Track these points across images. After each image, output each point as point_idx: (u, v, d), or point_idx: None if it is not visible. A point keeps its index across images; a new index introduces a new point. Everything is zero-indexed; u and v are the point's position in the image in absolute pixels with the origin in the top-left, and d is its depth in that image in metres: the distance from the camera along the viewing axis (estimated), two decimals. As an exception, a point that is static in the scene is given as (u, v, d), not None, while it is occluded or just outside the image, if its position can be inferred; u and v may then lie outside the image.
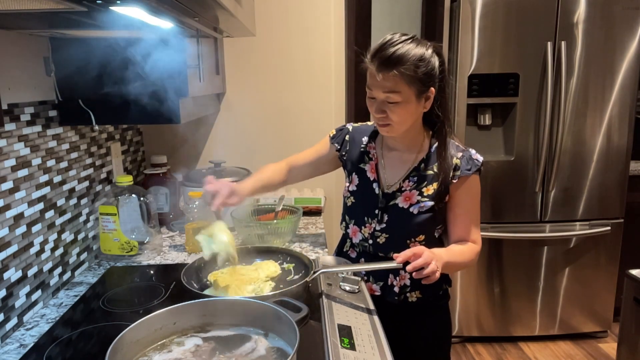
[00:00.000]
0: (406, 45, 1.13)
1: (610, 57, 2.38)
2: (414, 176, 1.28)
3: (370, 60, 1.16)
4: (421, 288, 1.31)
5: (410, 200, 1.27)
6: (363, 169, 1.35)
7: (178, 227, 1.85)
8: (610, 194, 2.53)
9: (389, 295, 1.32)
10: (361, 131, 1.40)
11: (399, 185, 1.29)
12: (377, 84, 1.16)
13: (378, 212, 1.30)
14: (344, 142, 1.41)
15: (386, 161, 1.33)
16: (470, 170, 1.24)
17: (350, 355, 0.91)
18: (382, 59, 1.13)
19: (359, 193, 1.35)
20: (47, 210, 1.30)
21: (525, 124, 2.44)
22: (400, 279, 1.31)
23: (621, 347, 1.81)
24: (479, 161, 1.26)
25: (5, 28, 1.12)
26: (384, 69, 1.13)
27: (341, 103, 2.29)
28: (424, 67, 1.14)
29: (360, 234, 1.34)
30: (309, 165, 1.48)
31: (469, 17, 2.31)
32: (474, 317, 2.65)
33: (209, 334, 0.96)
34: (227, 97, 2.23)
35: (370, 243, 1.32)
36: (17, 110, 1.18)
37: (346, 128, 1.43)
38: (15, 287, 1.15)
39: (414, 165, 1.28)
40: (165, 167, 1.94)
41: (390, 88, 1.14)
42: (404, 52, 1.12)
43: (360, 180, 1.35)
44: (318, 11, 2.18)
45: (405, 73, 1.12)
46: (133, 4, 0.76)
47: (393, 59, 1.12)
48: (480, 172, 1.27)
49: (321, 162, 1.46)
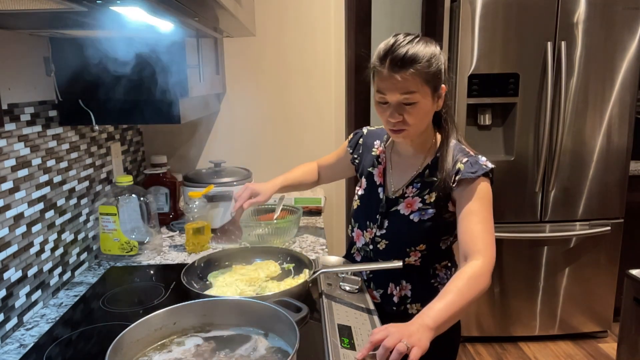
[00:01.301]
0: (416, 44, 1.11)
1: (610, 57, 2.38)
2: (417, 182, 1.24)
3: (380, 64, 1.11)
4: (422, 300, 1.24)
5: (412, 207, 1.23)
6: (372, 173, 1.34)
7: (178, 227, 1.85)
8: (610, 194, 2.53)
9: (387, 305, 1.28)
10: (375, 135, 1.39)
11: (402, 192, 1.26)
12: (391, 86, 1.11)
13: (379, 218, 1.28)
14: (357, 146, 1.42)
15: (394, 165, 1.31)
16: (474, 174, 1.14)
17: (350, 355, 0.91)
18: (395, 60, 1.09)
19: (365, 197, 1.34)
20: (47, 210, 1.30)
21: (525, 124, 2.44)
22: (400, 289, 1.27)
23: (621, 347, 1.81)
24: (487, 166, 1.16)
25: (5, 28, 1.12)
26: (399, 69, 1.09)
27: (341, 103, 2.29)
28: (435, 64, 1.12)
29: (363, 238, 1.33)
30: (332, 168, 1.57)
31: (469, 17, 2.31)
32: (474, 317, 2.65)
33: (209, 334, 0.96)
34: (227, 97, 2.23)
35: (371, 248, 1.31)
36: (17, 110, 1.18)
37: (361, 131, 1.44)
38: (15, 287, 1.15)
39: (419, 172, 1.25)
40: (165, 167, 1.94)
41: (407, 88, 1.10)
42: (417, 51, 1.10)
43: (368, 184, 1.34)
44: (318, 11, 2.18)
45: (422, 71, 1.10)
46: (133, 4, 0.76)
47: (407, 58, 1.08)
48: (490, 179, 1.17)
49: (341, 165, 1.52)
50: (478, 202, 1.13)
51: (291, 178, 1.56)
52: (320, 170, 1.60)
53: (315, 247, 1.64)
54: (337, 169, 1.55)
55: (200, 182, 1.77)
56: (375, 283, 1.31)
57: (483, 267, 1.05)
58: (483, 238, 1.10)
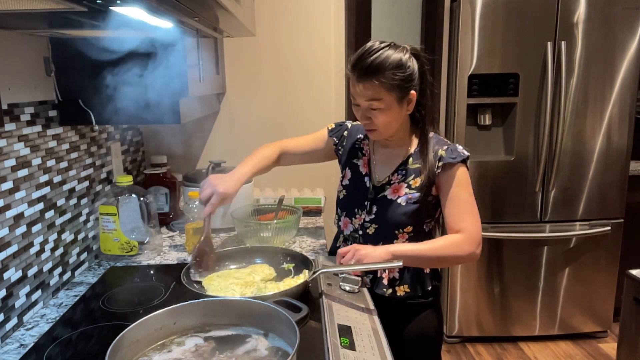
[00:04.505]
0: (384, 52, 1.17)
1: (610, 57, 2.38)
2: (402, 170, 1.32)
3: (351, 70, 1.20)
4: (409, 282, 1.33)
5: (399, 192, 1.30)
6: (356, 164, 1.40)
7: (178, 227, 1.85)
8: (610, 194, 2.53)
9: (378, 287, 1.34)
10: (358, 129, 1.46)
11: (388, 179, 1.33)
12: (358, 93, 1.20)
13: (367, 204, 1.34)
14: (342, 138, 1.47)
15: (377, 157, 1.38)
16: (454, 159, 1.25)
17: (350, 355, 0.91)
18: (361, 69, 1.17)
19: (351, 186, 1.40)
20: (47, 210, 1.30)
21: (525, 124, 2.44)
22: (389, 271, 1.33)
23: (621, 347, 1.81)
24: (464, 154, 1.27)
25: (5, 28, 1.12)
26: (363, 78, 1.18)
27: (341, 103, 2.29)
28: (402, 72, 1.17)
29: (351, 225, 1.38)
30: (303, 154, 1.53)
31: (469, 17, 2.31)
32: (474, 317, 2.65)
33: (209, 334, 0.96)
34: (227, 97, 2.23)
35: (360, 234, 1.36)
36: (17, 110, 1.18)
37: (345, 124, 1.49)
38: (15, 287, 1.15)
39: (402, 160, 1.33)
40: (165, 167, 1.94)
41: (371, 96, 1.19)
42: (382, 60, 1.16)
43: (352, 174, 1.40)
44: (318, 11, 2.18)
45: (384, 81, 1.16)
46: (133, 4, 0.76)
47: (371, 68, 1.16)
48: (467, 164, 1.28)
49: (316, 153, 1.52)
50: (459, 187, 1.26)
51: (249, 170, 1.41)
52: (284, 155, 1.50)
53: (315, 247, 1.64)
54: (308, 156, 1.52)
55: (200, 182, 1.77)
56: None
57: (464, 238, 1.23)
58: (466, 219, 1.25)
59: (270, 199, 2.04)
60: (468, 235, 1.23)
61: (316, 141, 1.51)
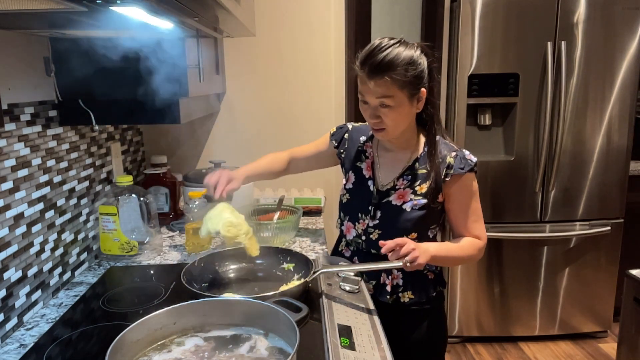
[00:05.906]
0: (395, 49, 1.14)
1: (610, 57, 2.38)
2: (407, 175, 1.30)
3: (360, 67, 1.17)
4: (413, 288, 1.32)
5: (404, 198, 1.28)
6: (359, 167, 1.38)
7: (178, 227, 1.85)
8: (610, 194, 2.53)
9: (381, 295, 1.32)
10: (360, 131, 1.43)
11: (393, 184, 1.31)
12: (369, 90, 1.17)
13: (371, 209, 1.32)
14: (343, 140, 1.44)
15: (381, 161, 1.35)
16: (463, 169, 1.25)
17: (350, 355, 0.91)
18: (372, 66, 1.14)
19: (354, 190, 1.38)
20: (47, 210, 1.30)
21: (525, 124, 2.44)
22: (392, 278, 1.32)
23: (621, 347, 1.81)
24: (472, 161, 1.27)
25: (5, 28, 1.12)
26: (375, 75, 1.15)
27: (341, 103, 2.29)
28: (413, 69, 1.15)
29: (354, 230, 1.36)
30: (308, 160, 1.54)
31: (469, 17, 2.31)
32: (474, 317, 2.65)
33: (209, 334, 0.96)
34: (227, 97, 2.23)
35: (364, 239, 1.34)
36: (17, 110, 1.18)
37: (346, 127, 1.47)
38: (15, 287, 1.15)
39: (408, 165, 1.30)
40: (165, 167, 1.94)
41: (382, 93, 1.16)
42: (394, 57, 1.14)
43: (356, 178, 1.38)
44: (318, 11, 2.17)
45: (396, 78, 1.14)
46: (133, 4, 0.76)
47: (383, 64, 1.13)
48: (475, 172, 1.28)
49: (320, 157, 1.51)
50: (467, 195, 1.28)
51: (257, 167, 1.49)
52: (293, 161, 1.54)
53: (315, 247, 1.64)
54: (314, 161, 1.54)
55: (200, 182, 1.76)
56: (368, 274, 1.35)
57: (480, 244, 1.31)
58: (477, 227, 1.30)
59: (270, 199, 2.04)
60: (483, 242, 1.31)
61: (320, 145, 1.51)
